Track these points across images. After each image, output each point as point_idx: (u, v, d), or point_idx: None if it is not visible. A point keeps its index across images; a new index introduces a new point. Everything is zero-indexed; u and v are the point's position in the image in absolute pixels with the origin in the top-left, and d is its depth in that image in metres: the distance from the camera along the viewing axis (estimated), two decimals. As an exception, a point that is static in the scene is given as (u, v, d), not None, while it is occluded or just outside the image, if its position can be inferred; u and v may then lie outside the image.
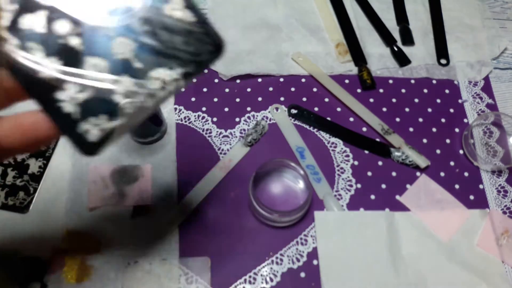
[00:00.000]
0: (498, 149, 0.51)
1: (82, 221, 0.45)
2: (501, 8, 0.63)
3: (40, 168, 0.48)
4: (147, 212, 0.46)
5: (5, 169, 0.47)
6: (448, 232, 0.46)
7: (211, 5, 0.60)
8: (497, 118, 0.53)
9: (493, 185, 0.49)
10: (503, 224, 0.46)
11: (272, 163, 0.46)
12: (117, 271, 0.43)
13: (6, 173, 0.47)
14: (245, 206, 0.47)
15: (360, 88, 0.55)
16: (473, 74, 0.57)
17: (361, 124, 0.52)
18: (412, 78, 0.56)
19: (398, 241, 0.45)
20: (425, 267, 0.44)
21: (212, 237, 0.45)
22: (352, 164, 0.50)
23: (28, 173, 0.47)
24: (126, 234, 0.44)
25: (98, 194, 0.46)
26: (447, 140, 0.52)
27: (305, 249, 0.45)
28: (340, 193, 0.48)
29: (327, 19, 0.59)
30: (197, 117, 0.52)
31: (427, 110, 0.54)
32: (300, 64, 0.55)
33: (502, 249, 0.45)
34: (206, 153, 0.49)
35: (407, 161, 0.49)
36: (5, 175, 0.47)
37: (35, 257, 0.43)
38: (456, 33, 0.59)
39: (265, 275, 0.43)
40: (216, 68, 0.55)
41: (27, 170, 0.47)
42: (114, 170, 0.47)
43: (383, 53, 0.57)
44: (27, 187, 0.46)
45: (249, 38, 0.57)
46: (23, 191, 0.46)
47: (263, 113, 0.52)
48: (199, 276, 0.43)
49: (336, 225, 0.45)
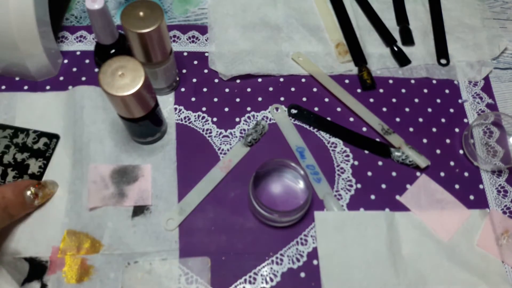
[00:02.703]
0: (498, 149, 0.51)
1: (82, 221, 0.45)
2: (501, 8, 0.63)
3: (40, 168, 0.47)
4: (147, 212, 0.46)
5: (5, 169, 0.47)
6: (448, 232, 0.46)
7: (211, 5, 0.60)
8: (497, 118, 0.53)
9: (493, 185, 0.49)
10: (503, 224, 0.46)
11: (272, 163, 0.46)
12: (117, 271, 0.43)
13: (6, 173, 0.47)
14: (245, 206, 0.47)
15: (360, 88, 0.55)
16: (473, 74, 0.57)
17: (361, 124, 0.52)
18: (412, 78, 0.56)
19: (398, 241, 0.45)
20: (425, 267, 0.44)
21: (212, 237, 0.45)
22: (352, 164, 0.50)
23: (28, 173, 0.47)
24: (126, 234, 0.44)
25: (98, 194, 0.46)
26: (447, 140, 0.52)
27: (305, 249, 0.45)
28: (340, 193, 0.48)
29: (327, 19, 0.59)
30: (197, 117, 0.52)
31: (427, 110, 0.54)
32: (300, 64, 0.55)
33: (502, 249, 0.45)
34: (206, 153, 0.49)
35: (407, 161, 0.49)
36: (5, 175, 0.47)
37: (35, 257, 0.43)
38: (456, 33, 0.59)
39: (265, 275, 0.43)
40: (216, 68, 0.55)
41: (27, 170, 0.47)
42: (114, 170, 0.47)
43: (383, 53, 0.57)
44: None
45: (249, 38, 0.57)
46: None
47: (263, 113, 0.52)
48: (199, 276, 0.43)
49: (336, 225, 0.45)
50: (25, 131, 0.49)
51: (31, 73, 0.52)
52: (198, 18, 0.60)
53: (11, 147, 0.48)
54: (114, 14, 0.59)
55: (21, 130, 0.49)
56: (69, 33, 0.57)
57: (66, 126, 0.50)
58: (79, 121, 0.50)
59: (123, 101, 0.39)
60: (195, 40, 0.58)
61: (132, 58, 0.39)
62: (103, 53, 0.52)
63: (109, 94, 0.38)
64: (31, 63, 0.50)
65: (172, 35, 0.58)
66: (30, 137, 0.49)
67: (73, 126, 0.50)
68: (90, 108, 0.50)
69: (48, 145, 0.49)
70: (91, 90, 0.51)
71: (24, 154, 0.48)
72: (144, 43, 0.43)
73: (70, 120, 0.50)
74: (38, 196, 0.43)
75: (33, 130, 0.49)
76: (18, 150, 0.48)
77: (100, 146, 0.48)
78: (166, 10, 0.60)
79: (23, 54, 0.49)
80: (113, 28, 0.49)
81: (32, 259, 0.43)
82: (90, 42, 0.57)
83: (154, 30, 0.41)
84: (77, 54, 0.56)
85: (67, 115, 0.50)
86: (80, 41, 0.57)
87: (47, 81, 0.53)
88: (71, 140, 0.49)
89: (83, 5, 0.60)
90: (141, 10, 0.42)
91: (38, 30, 0.48)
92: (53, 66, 0.53)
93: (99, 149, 0.48)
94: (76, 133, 0.49)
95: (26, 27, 0.47)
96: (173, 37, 0.58)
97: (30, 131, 0.49)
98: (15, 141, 0.49)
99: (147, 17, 0.42)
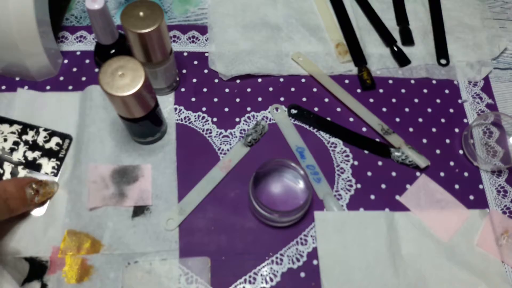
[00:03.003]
0: (498, 149, 0.52)
1: (82, 221, 0.45)
2: (501, 8, 0.63)
3: (54, 168, 0.47)
4: (147, 212, 0.46)
5: (15, 166, 0.47)
6: (448, 232, 0.46)
7: (211, 4, 0.60)
8: (497, 118, 0.53)
9: (493, 185, 0.49)
10: (503, 224, 0.46)
11: (272, 163, 0.46)
12: (117, 271, 0.43)
13: (17, 171, 0.47)
14: (245, 206, 0.47)
15: (360, 88, 0.55)
16: (473, 74, 0.57)
17: (361, 124, 0.52)
18: (412, 78, 0.56)
19: (398, 241, 0.45)
20: (425, 267, 0.44)
21: (212, 237, 0.45)
22: (352, 164, 0.50)
23: (41, 173, 0.47)
24: (126, 234, 0.44)
25: (98, 194, 0.46)
26: (447, 140, 0.52)
27: (305, 249, 0.45)
28: (340, 193, 0.48)
29: (327, 19, 0.59)
30: (197, 117, 0.52)
31: (427, 110, 0.54)
32: (300, 64, 0.55)
33: (502, 249, 0.45)
34: (206, 153, 0.49)
35: (407, 161, 0.49)
36: (15, 173, 0.47)
37: (35, 257, 0.43)
38: (456, 33, 0.59)
39: (265, 275, 0.43)
40: (216, 68, 0.55)
41: (40, 169, 0.47)
42: (114, 170, 0.47)
43: (383, 53, 0.57)
44: None
45: (249, 38, 0.57)
46: None
47: (263, 113, 0.52)
48: (199, 276, 0.43)
49: (336, 225, 0.45)
50: (34, 128, 0.49)
51: (31, 73, 0.51)
52: (198, 18, 0.60)
53: (20, 144, 0.48)
54: (114, 14, 0.59)
55: (30, 127, 0.49)
56: (69, 33, 0.57)
57: (67, 126, 0.50)
58: (79, 121, 0.50)
59: (123, 101, 0.39)
60: (195, 40, 0.58)
61: (132, 58, 0.39)
62: (103, 53, 0.52)
63: (109, 94, 0.38)
64: (31, 63, 0.50)
65: (172, 35, 0.58)
66: (41, 136, 0.48)
67: (73, 126, 0.50)
68: (89, 108, 0.50)
69: (61, 145, 0.48)
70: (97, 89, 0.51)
71: (36, 153, 0.48)
72: (144, 43, 0.43)
73: (73, 120, 0.50)
74: (39, 193, 0.43)
75: (44, 128, 0.49)
76: (29, 148, 0.48)
77: (100, 146, 0.48)
78: (166, 10, 0.60)
79: (23, 54, 0.49)
80: (113, 28, 0.49)
81: (33, 259, 0.43)
82: (90, 42, 0.57)
83: (154, 30, 0.41)
84: (77, 54, 0.56)
85: (75, 116, 0.50)
86: (80, 41, 0.57)
87: (47, 81, 0.53)
88: (73, 141, 0.49)
89: (83, 5, 0.60)
90: (141, 10, 0.42)
91: (38, 30, 0.48)
92: (53, 66, 0.53)
93: (99, 149, 0.48)
94: (76, 132, 0.49)
95: (26, 27, 0.47)
96: (173, 37, 0.58)
97: (40, 128, 0.49)
98: (24, 138, 0.48)
99: (147, 17, 0.42)
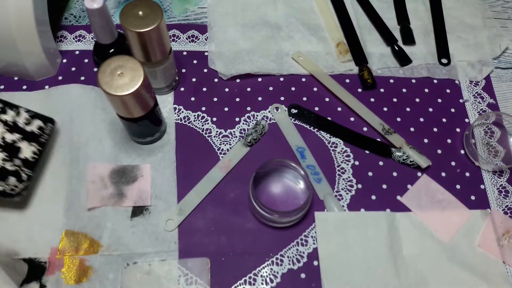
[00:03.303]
0: (499, 149, 0.51)
1: (80, 222, 0.44)
2: (502, 7, 0.63)
3: (35, 154, 0.44)
4: (146, 213, 0.45)
5: None
6: (449, 232, 0.46)
7: (211, 4, 0.60)
8: (498, 118, 0.53)
9: (494, 185, 0.49)
10: (504, 224, 0.46)
11: (272, 163, 0.45)
12: (116, 272, 0.42)
13: None
14: (245, 206, 0.46)
15: (360, 88, 0.55)
16: (474, 74, 0.56)
17: (362, 124, 0.52)
18: (413, 78, 0.56)
19: (399, 242, 0.45)
20: (426, 268, 0.44)
21: (211, 237, 0.45)
22: (353, 164, 0.49)
23: (20, 157, 0.43)
24: (125, 234, 0.44)
25: (97, 194, 0.46)
26: (448, 140, 0.52)
27: (305, 249, 0.44)
28: (340, 194, 0.48)
29: (328, 18, 0.59)
30: (196, 117, 0.51)
31: (428, 110, 0.53)
32: (300, 63, 0.55)
33: (503, 249, 0.45)
34: (206, 153, 0.49)
35: (408, 161, 0.49)
36: None
37: (34, 258, 0.43)
38: (457, 33, 0.59)
39: (265, 276, 0.43)
40: (215, 67, 0.55)
41: (18, 153, 0.43)
42: (113, 170, 0.47)
43: (384, 53, 0.57)
44: (19, 173, 0.42)
45: (249, 37, 0.57)
46: (14, 176, 0.42)
47: (263, 113, 0.52)
48: (198, 277, 0.43)
49: (336, 226, 0.45)
50: (14, 107, 0.44)
51: (30, 72, 0.51)
52: (198, 17, 0.60)
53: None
54: (113, 13, 0.59)
55: (10, 106, 0.44)
56: (68, 32, 0.57)
57: (62, 123, 0.49)
58: (77, 119, 0.49)
59: (122, 101, 0.39)
60: (194, 39, 0.58)
61: (131, 58, 0.39)
62: (102, 53, 0.51)
63: (108, 94, 0.38)
64: (30, 62, 0.50)
65: (171, 34, 0.58)
66: (22, 117, 0.44)
67: (69, 124, 0.49)
68: (88, 107, 0.50)
69: (43, 129, 0.46)
70: (83, 88, 0.51)
71: (15, 135, 0.43)
72: (143, 42, 0.43)
73: (66, 116, 0.50)
74: None
75: (26, 109, 0.45)
76: (8, 130, 0.43)
77: (99, 145, 0.48)
78: (165, 9, 0.60)
79: (22, 53, 0.49)
80: (112, 28, 0.49)
81: (31, 260, 0.43)
82: (89, 41, 0.57)
83: (153, 30, 0.41)
84: (76, 53, 0.55)
85: (61, 112, 0.50)
86: (79, 40, 0.57)
87: (46, 81, 0.53)
88: (68, 138, 0.49)
89: (82, 4, 0.60)
90: (141, 9, 0.42)
91: (37, 30, 0.48)
92: (52, 65, 0.52)
93: (98, 149, 0.48)
94: (73, 131, 0.49)
95: (25, 27, 0.47)
96: (172, 37, 0.58)
97: (20, 109, 0.45)
98: (3, 118, 0.43)
99: (147, 16, 0.41)
